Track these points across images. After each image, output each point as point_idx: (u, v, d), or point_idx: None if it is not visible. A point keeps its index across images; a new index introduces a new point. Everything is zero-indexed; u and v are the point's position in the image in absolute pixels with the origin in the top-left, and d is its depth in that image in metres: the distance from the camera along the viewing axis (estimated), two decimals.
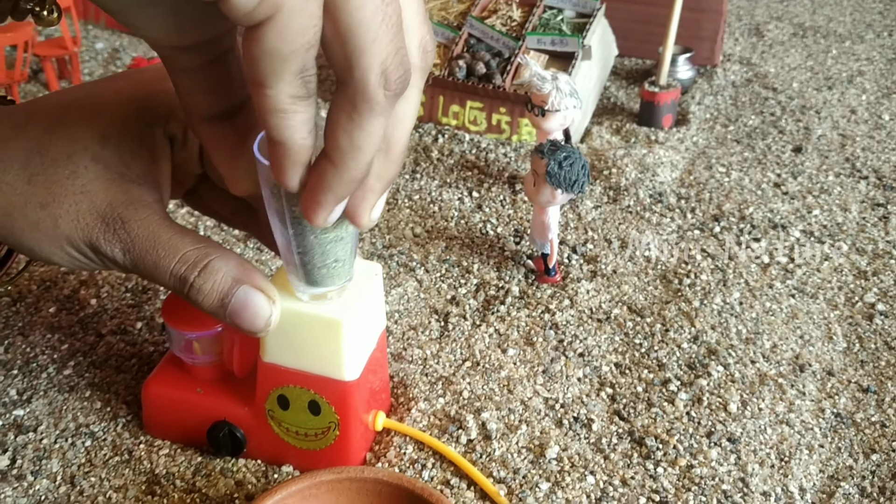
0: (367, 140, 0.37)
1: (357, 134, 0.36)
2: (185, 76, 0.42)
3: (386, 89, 0.35)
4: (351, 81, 0.35)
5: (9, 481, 0.56)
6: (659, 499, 0.55)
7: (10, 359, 0.66)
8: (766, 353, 0.68)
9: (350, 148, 0.37)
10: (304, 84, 0.35)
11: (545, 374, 0.66)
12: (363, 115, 0.36)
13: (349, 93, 0.36)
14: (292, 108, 0.35)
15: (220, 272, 0.47)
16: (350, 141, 0.37)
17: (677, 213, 0.86)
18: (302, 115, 0.36)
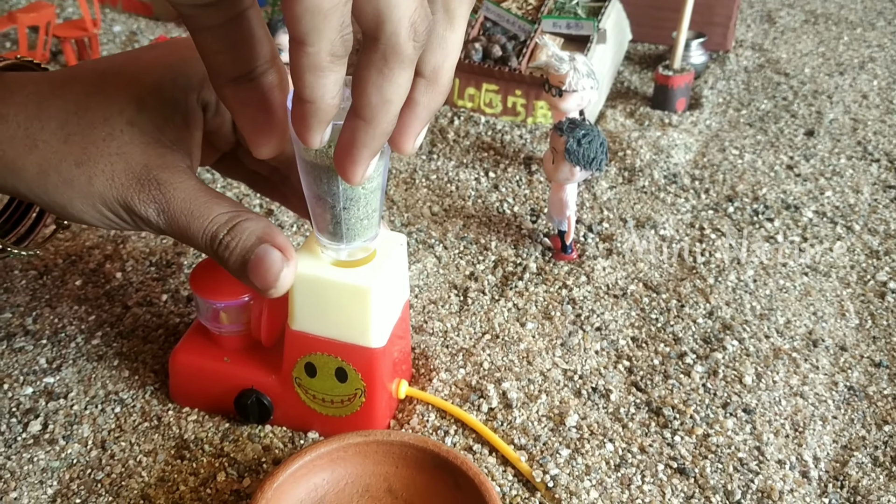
0: (397, 92, 0.38)
1: (387, 88, 0.38)
2: (208, 35, 0.43)
3: (415, 41, 0.36)
4: (382, 37, 0.36)
5: (41, 445, 0.58)
6: (676, 466, 0.57)
7: (39, 329, 0.68)
8: (780, 328, 0.69)
9: (381, 102, 0.38)
10: (343, 42, 0.36)
11: (563, 347, 0.67)
12: (394, 68, 0.37)
13: (380, 48, 0.37)
14: (329, 67, 0.36)
15: (247, 231, 0.49)
16: (381, 95, 0.38)
17: (691, 194, 0.87)
18: (336, 75, 0.37)
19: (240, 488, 0.55)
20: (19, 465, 0.56)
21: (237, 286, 0.57)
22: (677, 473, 0.56)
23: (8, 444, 0.58)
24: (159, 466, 0.56)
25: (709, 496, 0.55)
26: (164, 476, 0.56)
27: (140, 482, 0.55)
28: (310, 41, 0.35)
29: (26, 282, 0.73)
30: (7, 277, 0.73)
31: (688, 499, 0.55)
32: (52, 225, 0.67)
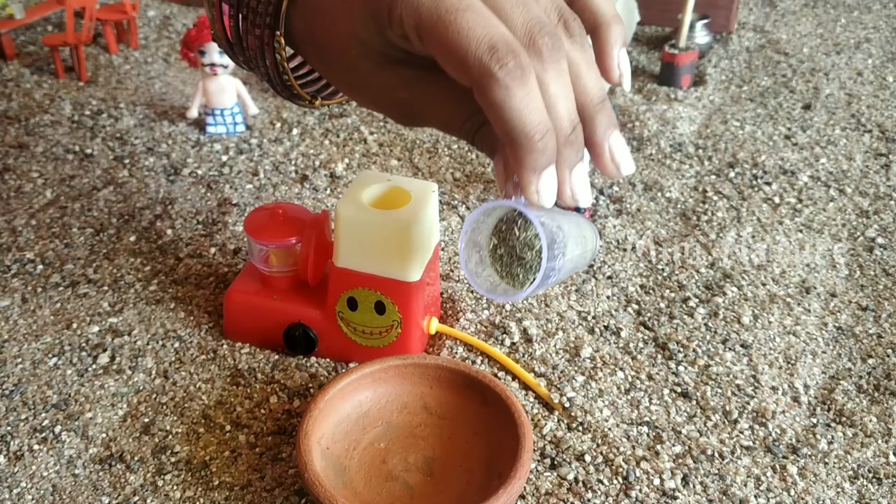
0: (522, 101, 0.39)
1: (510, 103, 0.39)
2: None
3: (497, 61, 0.38)
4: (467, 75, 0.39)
5: (110, 374, 0.65)
6: (680, 390, 0.63)
7: (100, 278, 0.75)
8: (775, 277, 0.76)
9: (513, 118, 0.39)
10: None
11: (578, 293, 0.73)
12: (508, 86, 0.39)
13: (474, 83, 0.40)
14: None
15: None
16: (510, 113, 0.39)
17: (695, 161, 0.94)
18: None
19: (290, 408, 0.62)
20: (92, 391, 0.63)
21: (287, 230, 0.63)
22: (681, 397, 0.63)
23: (80, 374, 0.65)
24: (217, 392, 0.63)
25: (709, 415, 0.61)
26: (222, 399, 0.63)
27: (201, 404, 0.62)
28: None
29: (84, 238, 0.80)
30: (66, 234, 0.80)
31: (690, 417, 0.61)
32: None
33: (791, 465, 0.57)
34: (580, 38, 0.40)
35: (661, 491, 0.55)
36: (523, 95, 0.38)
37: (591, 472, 0.56)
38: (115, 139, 0.96)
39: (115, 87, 1.09)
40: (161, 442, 0.59)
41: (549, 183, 0.40)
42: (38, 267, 0.76)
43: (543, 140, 0.39)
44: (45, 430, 0.60)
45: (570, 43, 0.40)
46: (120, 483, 0.56)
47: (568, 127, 0.39)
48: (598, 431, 0.59)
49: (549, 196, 0.41)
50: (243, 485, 0.56)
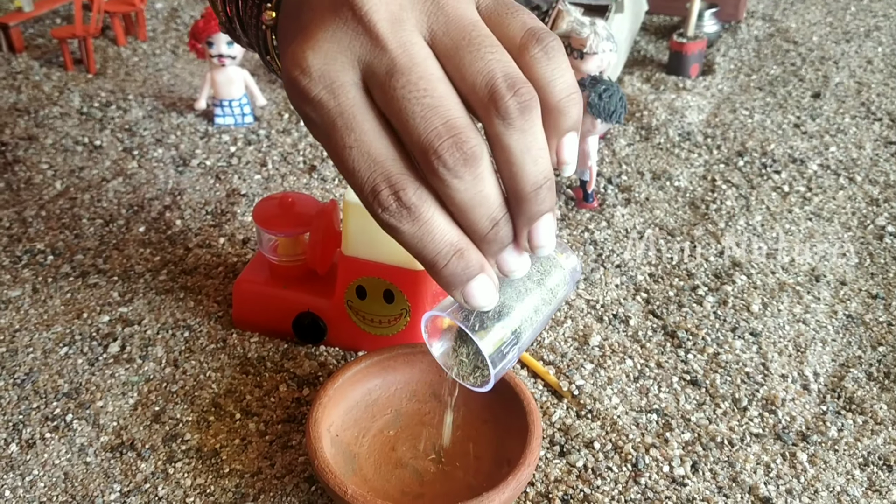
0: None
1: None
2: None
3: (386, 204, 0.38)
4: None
5: (121, 363, 0.65)
6: (689, 378, 0.63)
7: (110, 268, 0.75)
8: (785, 265, 0.76)
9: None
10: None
11: (586, 281, 0.73)
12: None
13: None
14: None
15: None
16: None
17: (704, 150, 0.93)
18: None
19: (300, 396, 0.62)
20: (103, 380, 0.63)
21: (295, 219, 0.63)
22: (690, 384, 0.63)
23: (91, 363, 0.65)
24: (227, 380, 0.63)
25: (718, 403, 0.61)
26: (231, 388, 0.63)
27: (211, 393, 0.62)
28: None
29: (94, 229, 0.80)
30: (76, 225, 0.80)
31: (699, 405, 0.61)
32: None
33: (801, 453, 0.57)
34: (517, 118, 0.36)
35: (671, 478, 0.55)
36: (415, 231, 0.38)
37: (600, 460, 0.56)
38: (123, 131, 0.97)
39: (124, 78, 1.09)
40: (172, 430, 0.59)
41: (477, 289, 0.40)
42: (48, 257, 0.76)
43: (450, 264, 0.39)
44: (56, 419, 0.60)
45: (504, 126, 0.36)
46: (131, 471, 0.56)
47: (486, 227, 0.38)
48: (607, 419, 0.59)
49: (486, 300, 0.40)
50: (253, 472, 0.56)
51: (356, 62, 0.38)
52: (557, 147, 0.39)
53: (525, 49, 0.38)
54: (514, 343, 0.46)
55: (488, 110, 0.36)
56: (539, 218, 0.39)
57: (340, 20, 0.38)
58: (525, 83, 0.36)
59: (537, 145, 0.37)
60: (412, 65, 0.37)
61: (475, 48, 0.37)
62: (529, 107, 0.36)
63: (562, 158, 0.39)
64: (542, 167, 0.37)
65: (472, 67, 0.37)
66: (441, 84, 0.37)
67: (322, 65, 0.38)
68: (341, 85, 0.38)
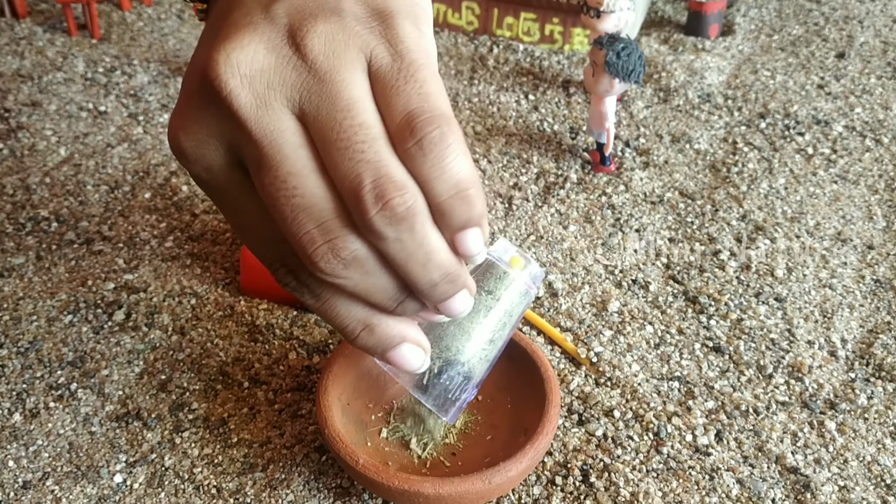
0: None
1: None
2: None
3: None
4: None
5: (126, 331, 0.63)
6: (712, 345, 0.61)
7: (115, 235, 0.73)
8: (810, 229, 0.73)
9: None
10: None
11: (604, 246, 0.71)
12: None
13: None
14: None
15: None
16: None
17: (725, 112, 0.90)
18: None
19: (310, 364, 0.60)
20: (108, 348, 0.62)
21: None
22: (713, 351, 0.61)
23: (96, 331, 0.63)
24: (234, 348, 0.62)
25: (742, 370, 0.59)
26: (239, 356, 0.61)
27: (218, 361, 0.61)
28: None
29: (99, 195, 0.78)
30: (81, 192, 0.78)
31: (723, 372, 0.59)
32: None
33: (829, 421, 0.55)
34: (388, 231, 0.33)
35: (694, 447, 0.53)
36: (318, 306, 0.37)
37: (620, 429, 0.55)
38: (128, 96, 0.95)
39: (129, 44, 1.07)
40: (178, 399, 0.58)
41: (399, 358, 0.39)
42: (52, 224, 0.74)
43: (360, 338, 0.38)
44: (60, 388, 0.59)
45: (375, 239, 0.33)
46: (137, 440, 0.55)
47: (390, 305, 0.36)
48: (628, 387, 0.57)
49: (412, 365, 0.39)
50: (262, 442, 0.54)
51: (227, 145, 0.35)
52: (452, 244, 0.35)
53: (400, 141, 0.33)
54: (467, 383, 0.44)
55: (358, 221, 0.33)
56: (447, 300, 0.36)
57: (205, 101, 0.34)
58: (398, 189, 0.32)
59: (423, 250, 0.34)
60: (280, 158, 0.33)
61: (343, 143, 0.32)
62: (402, 217, 0.32)
63: (461, 254, 0.35)
64: (435, 267, 0.34)
65: (340, 167, 0.32)
66: (312, 180, 0.33)
67: (194, 148, 0.35)
68: (219, 168, 0.36)
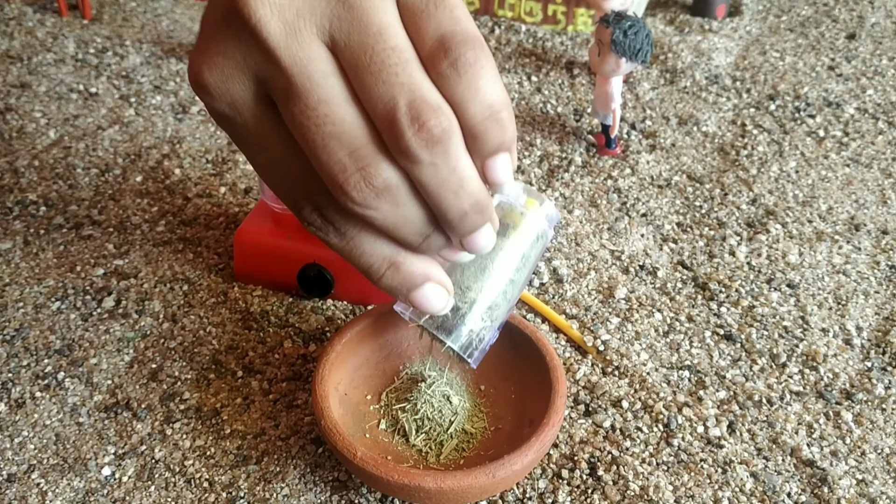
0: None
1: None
2: None
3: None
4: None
5: (116, 318, 0.61)
6: (723, 332, 0.59)
7: (105, 219, 0.71)
8: (822, 214, 0.71)
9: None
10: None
11: (610, 231, 0.69)
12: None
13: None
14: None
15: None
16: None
17: (733, 93, 0.88)
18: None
19: (306, 353, 0.58)
20: (97, 336, 0.59)
21: None
22: (724, 339, 0.58)
23: (84, 318, 0.61)
24: (228, 336, 0.60)
25: (755, 359, 0.57)
26: (233, 344, 0.59)
27: (211, 349, 0.58)
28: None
29: (89, 179, 0.76)
30: (70, 175, 0.76)
31: (735, 361, 0.57)
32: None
33: (845, 412, 0.53)
34: (422, 154, 0.32)
35: (706, 439, 0.51)
36: (343, 245, 0.37)
37: (628, 419, 0.52)
38: (120, 77, 0.92)
39: (121, 24, 1.04)
40: (169, 389, 0.56)
41: (423, 298, 0.38)
42: (40, 209, 0.72)
43: (385, 277, 0.37)
44: (47, 377, 0.56)
45: (410, 163, 0.33)
46: (126, 432, 0.53)
47: (416, 241, 0.36)
48: (636, 376, 0.55)
49: (436, 306, 0.39)
50: (256, 433, 0.52)
51: (255, 78, 0.34)
52: (483, 170, 0.34)
53: (434, 63, 0.32)
54: (490, 324, 0.43)
55: (391, 145, 0.32)
56: (474, 233, 0.36)
57: (233, 32, 0.33)
58: (434, 111, 0.32)
59: (456, 176, 0.33)
60: (310, 86, 0.32)
61: (377, 67, 0.32)
62: (437, 139, 0.32)
63: (491, 181, 0.35)
64: (467, 195, 0.34)
65: (373, 92, 0.32)
66: (343, 107, 0.32)
67: (219, 83, 0.34)
68: (244, 103, 0.35)
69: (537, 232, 0.44)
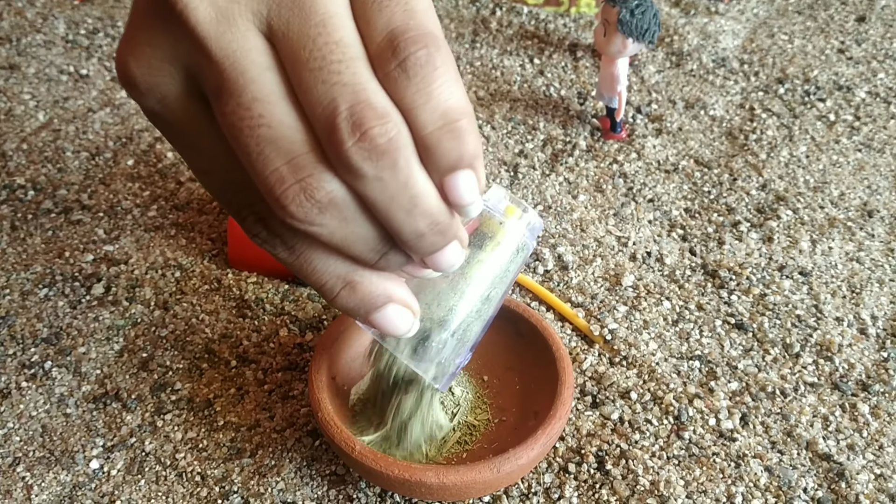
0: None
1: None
2: None
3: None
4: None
5: (105, 306, 0.59)
6: (734, 321, 0.57)
7: (95, 204, 0.69)
8: (834, 200, 0.69)
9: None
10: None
11: (616, 217, 0.67)
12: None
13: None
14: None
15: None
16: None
17: (741, 77, 0.86)
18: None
19: (302, 342, 0.56)
20: (85, 324, 0.57)
21: None
22: (735, 328, 0.57)
23: (73, 306, 0.59)
24: (221, 324, 0.57)
25: (767, 349, 0.55)
26: (227, 333, 0.57)
27: (204, 338, 0.56)
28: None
29: (79, 162, 0.74)
30: (60, 158, 0.74)
31: (747, 351, 0.55)
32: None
33: (862, 404, 0.51)
34: (366, 168, 0.28)
35: (718, 432, 0.49)
36: (292, 260, 0.32)
37: (637, 412, 0.50)
38: (112, 59, 0.90)
39: (113, 5, 1.01)
40: (160, 378, 0.54)
41: (384, 321, 0.33)
42: (28, 193, 0.70)
43: (339, 297, 0.33)
44: (34, 367, 0.54)
45: (352, 178, 0.28)
46: (115, 423, 0.51)
47: (372, 258, 0.31)
48: (645, 366, 0.53)
49: (399, 329, 0.34)
50: (250, 425, 0.50)
51: (185, 71, 0.30)
52: (442, 189, 0.29)
53: (381, 63, 0.28)
54: (460, 346, 0.38)
55: (331, 155, 0.28)
56: (436, 253, 0.31)
57: (160, 20, 0.29)
58: (379, 117, 0.27)
59: (407, 193, 0.29)
60: (244, 81, 0.28)
61: (317, 63, 0.28)
62: (383, 150, 0.27)
63: (451, 202, 0.30)
64: (421, 214, 0.29)
65: (312, 92, 0.28)
66: (282, 107, 0.28)
67: (147, 76, 0.30)
68: (175, 99, 0.31)
69: (517, 244, 0.39)
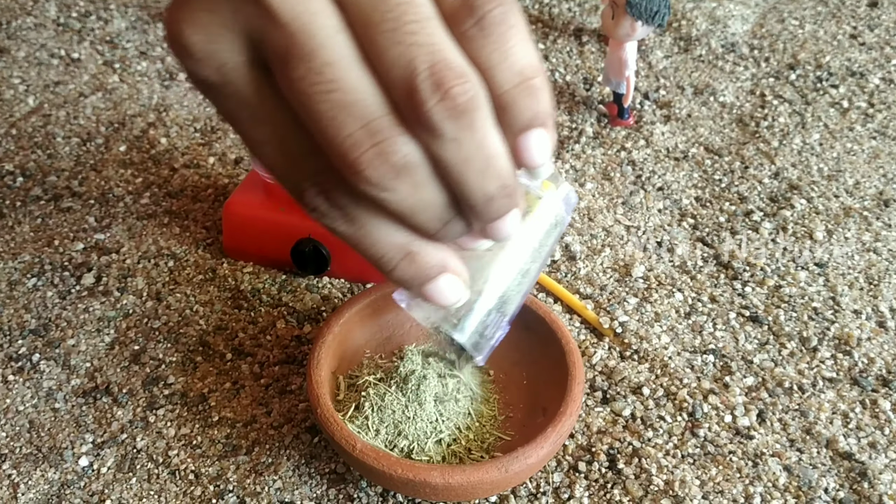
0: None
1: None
2: None
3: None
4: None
5: (96, 296, 0.57)
6: (749, 314, 0.55)
7: (86, 191, 0.66)
8: (849, 188, 0.67)
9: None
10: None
11: (625, 206, 0.65)
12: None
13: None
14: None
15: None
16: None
17: (751, 62, 0.84)
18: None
19: (300, 334, 0.54)
20: (75, 315, 0.55)
21: None
22: (750, 321, 0.55)
23: (62, 296, 0.57)
24: (216, 316, 0.55)
25: (784, 343, 0.53)
26: (222, 324, 0.55)
27: (198, 330, 0.54)
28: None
29: (69, 148, 0.71)
30: (50, 144, 0.72)
31: (762, 345, 0.53)
32: None
33: (883, 400, 0.49)
34: (446, 126, 0.27)
35: (734, 429, 0.47)
36: (352, 232, 0.31)
37: (650, 408, 0.48)
38: (104, 42, 0.87)
39: None
40: (153, 372, 0.51)
41: (438, 291, 0.32)
42: (17, 179, 0.68)
43: (398, 269, 0.32)
44: (21, 359, 0.52)
45: (430, 138, 0.28)
46: (106, 418, 0.49)
47: (435, 227, 0.31)
48: (657, 361, 0.51)
49: (451, 298, 0.33)
50: (247, 421, 0.48)
51: (247, 37, 0.29)
52: (515, 148, 0.29)
53: (456, 22, 0.28)
54: (500, 319, 0.38)
55: (409, 116, 0.27)
56: (499, 219, 0.31)
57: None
58: (458, 76, 0.27)
59: (482, 153, 0.28)
60: (314, 46, 0.27)
61: (390, 24, 0.27)
62: (463, 109, 0.27)
63: (525, 161, 0.29)
64: (494, 176, 0.29)
65: (388, 54, 0.27)
66: (354, 71, 0.27)
67: (204, 43, 0.29)
68: (234, 68, 0.29)
69: (555, 218, 0.39)
